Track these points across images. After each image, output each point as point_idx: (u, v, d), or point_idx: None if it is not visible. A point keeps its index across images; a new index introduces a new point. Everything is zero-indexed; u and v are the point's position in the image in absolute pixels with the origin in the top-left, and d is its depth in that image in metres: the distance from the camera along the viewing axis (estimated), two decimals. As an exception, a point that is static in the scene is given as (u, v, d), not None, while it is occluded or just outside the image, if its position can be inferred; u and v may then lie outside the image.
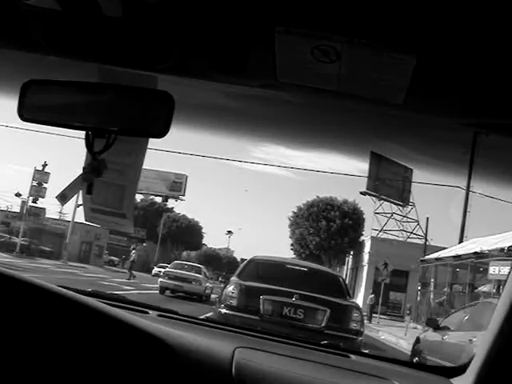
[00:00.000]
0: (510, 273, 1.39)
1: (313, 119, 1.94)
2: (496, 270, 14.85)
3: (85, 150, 1.28)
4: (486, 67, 1.06)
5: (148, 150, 1.41)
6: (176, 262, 23.88)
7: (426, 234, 30.97)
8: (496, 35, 0.96)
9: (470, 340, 6.63)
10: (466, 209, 23.93)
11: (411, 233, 34.53)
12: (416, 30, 1.00)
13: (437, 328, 8.67)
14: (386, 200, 34.22)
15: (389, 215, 34.95)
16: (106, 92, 1.23)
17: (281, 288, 7.24)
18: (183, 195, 49.51)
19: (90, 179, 1.28)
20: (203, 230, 58.91)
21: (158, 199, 52.84)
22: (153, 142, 1.37)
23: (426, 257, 23.29)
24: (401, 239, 33.63)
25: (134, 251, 29.19)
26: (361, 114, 1.62)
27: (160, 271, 34.90)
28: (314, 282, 7.75)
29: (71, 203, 30.29)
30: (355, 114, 1.63)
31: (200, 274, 20.56)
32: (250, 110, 1.89)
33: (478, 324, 6.85)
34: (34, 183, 35.75)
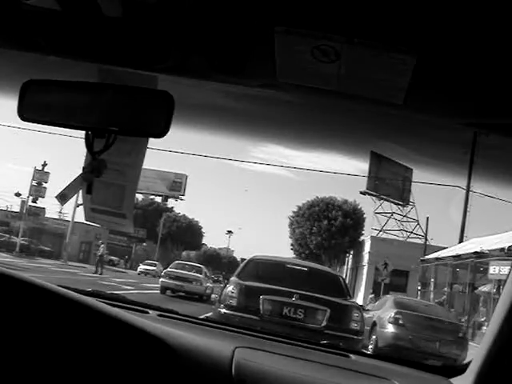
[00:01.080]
0: (510, 273, 1.39)
1: (313, 119, 1.94)
2: (496, 269, 14.88)
3: (85, 149, 1.28)
4: (485, 67, 1.06)
5: (148, 150, 1.41)
6: (177, 261, 23.76)
7: (426, 234, 30.96)
8: (496, 35, 0.97)
9: (373, 315, 12.34)
10: (466, 209, 23.95)
11: (411, 232, 34.51)
12: (416, 30, 1.00)
13: (364, 310, 14.30)
14: (386, 200, 34.17)
15: (389, 215, 34.95)
16: (106, 92, 1.23)
17: (281, 288, 7.24)
18: (183, 195, 49.45)
19: (89, 179, 1.28)
20: (203, 230, 58.93)
21: (158, 199, 52.80)
22: (153, 142, 1.38)
23: (426, 257, 23.25)
24: (401, 239, 33.57)
25: (102, 245, 27.57)
26: (361, 114, 1.62)
27: (146, 269, 34.44)
28: (313, 282, 7.74)
29: (71, 203, 30.11)
30: (355, 114, 1.63)
31: (201, 273, 20.55)
32: (250, 110, 1.89)
33: (379, 308, 12.76)
34: (34, 183, 35.73)
